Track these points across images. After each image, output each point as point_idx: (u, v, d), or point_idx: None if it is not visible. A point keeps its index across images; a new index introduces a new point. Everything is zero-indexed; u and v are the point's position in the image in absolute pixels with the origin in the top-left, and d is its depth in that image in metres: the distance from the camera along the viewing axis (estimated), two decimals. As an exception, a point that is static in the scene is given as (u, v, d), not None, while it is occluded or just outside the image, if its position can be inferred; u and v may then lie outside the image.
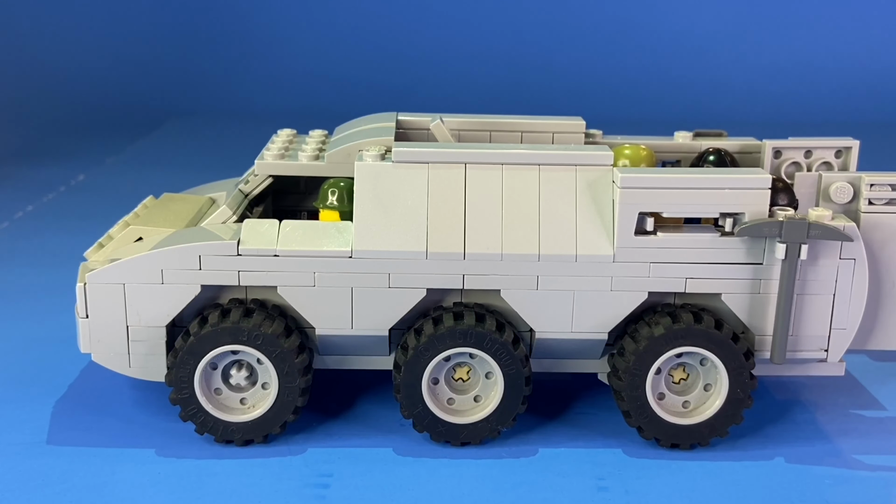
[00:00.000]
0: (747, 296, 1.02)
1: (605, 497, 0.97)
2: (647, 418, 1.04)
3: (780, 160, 1.19)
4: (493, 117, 1.23)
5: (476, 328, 1.00)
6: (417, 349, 1.01)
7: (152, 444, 1.05)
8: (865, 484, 1.00)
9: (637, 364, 1.02)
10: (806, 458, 1.05)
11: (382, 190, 1.01)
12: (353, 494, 0.96)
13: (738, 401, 1.04)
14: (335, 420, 1.11)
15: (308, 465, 1.01)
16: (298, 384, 1.02)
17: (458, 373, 1.05)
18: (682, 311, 1.03)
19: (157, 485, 0.97)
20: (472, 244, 1.00)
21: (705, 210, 1.00)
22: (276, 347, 1.00)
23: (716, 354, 1.02)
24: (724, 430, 1.05)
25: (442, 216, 1.00)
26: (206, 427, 1.03)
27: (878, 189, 1.05)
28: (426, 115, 1.22)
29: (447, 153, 1.02)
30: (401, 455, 1.04)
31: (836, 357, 1.06)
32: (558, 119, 1.23)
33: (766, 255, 1.01)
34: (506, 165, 1.01)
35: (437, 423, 1.04)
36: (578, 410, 1.14)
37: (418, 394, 1.03)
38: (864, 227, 1.05)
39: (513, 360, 1.02)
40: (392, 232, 1.00)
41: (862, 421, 1.14)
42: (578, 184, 1.01)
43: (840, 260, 1.02)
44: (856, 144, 1.19)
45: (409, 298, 1.02)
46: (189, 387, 1.02)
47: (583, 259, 1.00)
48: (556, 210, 1.01)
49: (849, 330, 1.05)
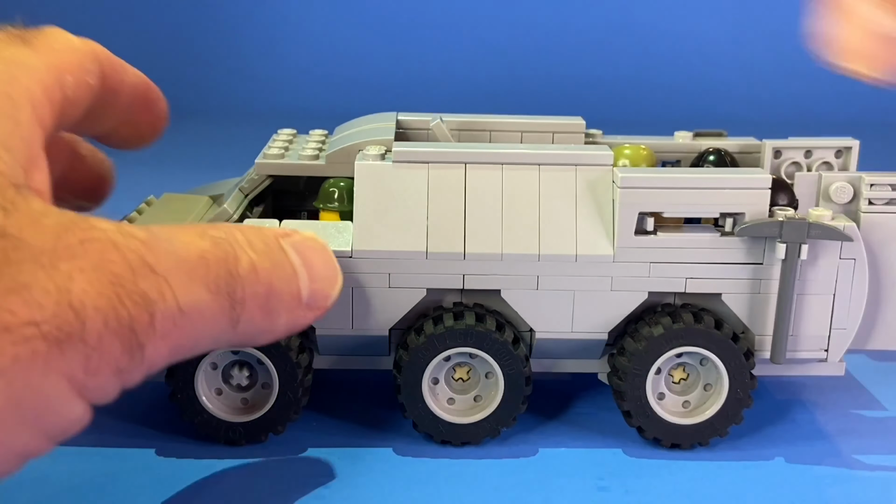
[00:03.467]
0: (747, 296, 1.02)
1: (605, 497, 0.97)
2: (647, 418, 1.04)
3: (780, 160, 1.19)
4: (493, 117, 1.23)
5: (476, 328, 1.00)
6: (418, 349, 1.01)
7: (152, 445, 1.05)
8: (865, 484, 1.00)
9: (637, 364, 1.02)
10: (806, 457, 1.05)
11: (382, 190, 1.01)
12: (353, 494, 0.96)
13: (738, 401, 1.04)
14: (335, 420, 1.11)
15: (308, 465, 1.01)
16: (299, 384, 1.02)
17: (459, 373, 1.05)
18: (682, 310, 1.03)
19: (157, 485, 0.97)
20: (473, 244, 1.00)
21: (705, 210, 1.00)
22: (276, 348, 1.00)
23: (716, 354, 1.02)
24: (725, 429, 1.05)
25: (442, 216, 1.00)
26: (206, 427, 1.03)
27: (878, 189, 1.05)
28: (426, 115, 1.22)
29: (447, 153, 1.02)
30: (401, 455, 1.04)
31: (836, 357, 1.06)
32: (558, 119, 1.23)
33: (766, 254, 1.01)
34: (506, 165, 1.01)
35: (438, 422, 1.04)
36: (578, 410, 1.15)
37: (419, 393, 1.03)
38: (864, 227, 1.05)
39: (513, 360, 1.02)
40: (392, 232, 1.00)
41: (862, 421, 1.14)
42: (578, 184, 1.01)
43: (840, 260, 1.02)
44: (856, 144, 1.19)
45: (409, 298, 1.02)
46: (190, 387, 1.02)
47: (583, 259, 1.00)
48: (556, 210, 1.01)
49: (849, 330, 1.05)
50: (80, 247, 0.68)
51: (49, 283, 0.66)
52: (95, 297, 0.68)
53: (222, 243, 0.80)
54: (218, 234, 0.81)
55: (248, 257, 0.81)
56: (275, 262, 0.84)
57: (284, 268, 0.85)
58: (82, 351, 0.67)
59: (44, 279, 0.66)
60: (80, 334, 0.67)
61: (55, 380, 0.67)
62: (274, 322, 0.85)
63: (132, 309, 0.70)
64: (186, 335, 0.76)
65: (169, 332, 0.73)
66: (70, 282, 0.67)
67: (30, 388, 0.65)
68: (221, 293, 0.78)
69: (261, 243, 0.84)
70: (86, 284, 0.67)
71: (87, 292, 0.67)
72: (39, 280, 0.66)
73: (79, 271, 0.67)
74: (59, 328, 0.66)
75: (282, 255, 0.86)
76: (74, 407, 0.70)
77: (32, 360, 0.65)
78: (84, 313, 0.67)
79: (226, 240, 0.81)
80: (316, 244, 0.90)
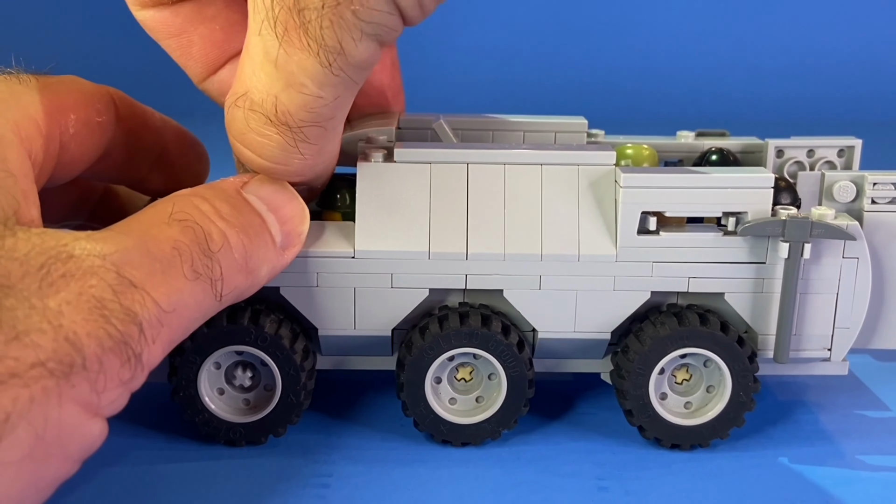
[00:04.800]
0: (750, 295, 1.02)
1: (605, 497, 0.97)
2: (648, 418, 1.04)
3: (782, 159, 1.19)
4: (495, 117, 1.23)
5: (482, 329, 1.00)
6: (422, 348, 1.01)
7: (153, 445, 1.05)
8: (867, 485, 1.00)
9: (641, 364, 1.02)
10: (808, 458, 1.05)
11: (385, 190, 1.00)
12: (353, 494, 0.96)
13: (740, 403, 1.03)
14: (335, 420, 1.11)
15: (308, 465, 1.01)
16: (301, 387, 1.02)
17: (461, 373, 1.05)
18: (687, 311, 1.02)
19: (157, 485, 0.97)
20: (475, 244, 1.00)
21: (708, 209, 1.00)
22: (280, 349, 1.00)
23: (720, 357, 1.02)
24: (726, 432, 1.05)
25: (444, 216, 1.00)
26: (207, 426, 1.03)
27: (881, 188, 1.05)
28: (428, 115, 1.22)
29: (449, 153, 1.01)
30: (401, 455, 1.04)
31: (839, 356, 1.06)
32: (560, 118, 1.23)
33: (768, 254, 1.01)
34: (508, 165, 1.01)
35: (439, 422, 1.03)
36: (579, 410, 1.14)
37: (421, 392, 1.02)
38: (867, 226, 1.04)
39: (517, 363, 1.02)
40: (394, 232, 1.00)
41: (865, 421, 1.14)
42: (581, 183, 1.01)
43: (843, 259, 1.02)
44: (858, 143, 1.19)
45: (411, 299, 1.02)
46: (193, 386, 1.01)
47: (585, 259, 1.00)
48: (558, 210, 1.00)
49: (852, 329, 1.04)
50: (62, 281, 0.73)
51: (43, 323, 0.70)
52: (85, 325, 0.72)
53: (190, 224, 0.83)
54: (184, 215, 0.83)
55: (218, 229, 0.84)
56: (244, 222, 0.87)
57: (254, 222, 0.88)
58: (87, 376, 0.72)
59: (38, 321, 0.70)
60: (81, 362, 0.71)
61: (70, 409, 0.71)
62: (256, 277, 0.89)
63: (121, 326, 0.74)
64: (175, 329, 0.80)
65: (159, 334, 0.78)
66: (61, 317, 0.71)
67: (50, 423, 0.70)
68: (201, 278, 0.82)
69: (226, 206, 0.87)
70: (75, 315, 0.72)
71: (76, 322, 0.72)
72: (34, 323, 0.70)
73: (66, 304, 0.72)
74: (61, 362, 0.70)
75: (248, 208, 0.89)
76: (93, 427, 0.75)
77: (46, 397, 0.69)
78: (80, 342, 0.71)
79: (192, 219, 0.83)
80: (276, 184, 0.92)
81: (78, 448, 0.74)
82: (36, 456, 0.70)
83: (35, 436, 0.69)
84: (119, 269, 0.76)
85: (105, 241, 0.77)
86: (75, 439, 0.73)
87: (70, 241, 0.76)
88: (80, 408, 0.72)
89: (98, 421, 0.75)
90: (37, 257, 0.73)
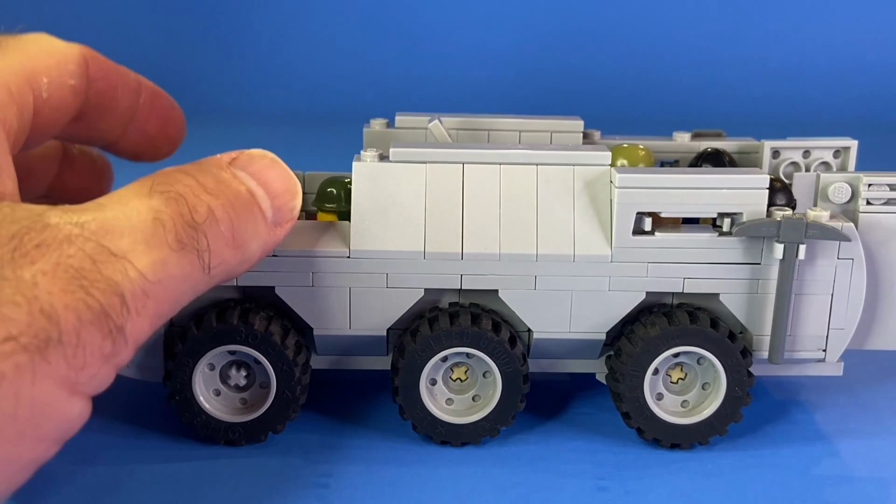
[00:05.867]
0: (745, 296, 1.02)
1: (605, 497, 0.97)
2: (646, 419, 1.04)
3: (778, 160, 1.20)
4: (491, 117, 1.23)
5: (472, 328, 1.00)
6: (414, 351, 1.01)
7: (152, 445, 1.05)
8: (864, 484, 1.00)
9: (634, 365, 1.02)
10: (804, 458, 1.05)
11: (380, 190, 1.00)
12: (353, 494, 0.96)
13: (736, 399, 1.03)
14: (335, 420, 1.11)
15: (308, 465, 1.01)
16: (296, 382, 1.02)
17: (456, 373, 1.05)
18: (677, 310, 1.03)
19: (157, 485, 0.97)
20: (470, 244, 1.00)
21: (703, 210, 1.00)
22: (271, 345, 1.00)
23: (712, 353, 1.02)
24: (724, 428, 1.05)
25: (440, 216, 1.00)
26: (205, 428, 1.03)
27: (876, 189, 1.05)
28: (424, 115, 1.22)
29: (445, 153, 1.01)
30: (401, 455, 1.04)
31: (834, 357, 1.06)
32: (556, 119, 1.23)
33: (763, 255, 1.01)
34: (504, 165, 1.01)
35: (437, 423, 1.04)
36: (578, 411, 1.14)
37: (417, 395, 1.02)
38: (862, 227, 1.05)
39: (510, 359, 1.02)
40: (390, 232, 1.00)
41: (860, 421, 1.14)
42: (576, 184, 1.01)
43: (838, 260, 1.02)
44: (854, 144, 1.19)
45: (406, 298, 1.02)
46: (188, 388, 1.02)
47: (581, 259, 1.00)
48: (553, 210, 1.01)
49: (847, 330, 1.05)
50: (37, 251, 0.69)
51: (17, 295, 0.66)
52: (63, 296, 0.68)
53: (172, 196, 0.79)
54: (165, 186, 0.79)
55: (203, 202, 0.80)
56: (231, 196, 0.83)
57: (241, 196, 0.84)
58: (64, 351, 0.67)
59: (10, 292, 0.66)
60: (57, 336, 0.67)
61: (46, 386, 0.67)
62: (246, 253, 0.85)
63: (101, 297, 0.70)
64: (162, 301, 0.76)
65: (143, 305, 0.73)
66: (35, 288, 0.67)
67: (22, 401, 0.66)
68: (186, 248, 0.77)
69: (212, 181, 0.83)
70: (51, 286, 0.68)
71: (53, 293, 0.68)
72: (6, 294, 0.66)
73: (41, 275, 0.68)
74: (36, 336, 0.66)
75: (236, 183, 0.85)
76: (72, 406, 0.70)
77: (19, 374, 0.65)
78: (56, 315, 0.67)
79: (175, 191, 0.79)
80: (266, 159, 0.89)
81: (54, 428, 0.70)
82: (7, 435, 0.66)
83: (5, 415, 0.65)
84: (99, 238, 0.72)
85: (83, 211, 0.74)
86: (51, 419, 0.69)
87: (45, 211, 0.72)
88: (56, 385, 0.68)
89: (78, 399, 0.70)
90: (8, 227, 0.69)
